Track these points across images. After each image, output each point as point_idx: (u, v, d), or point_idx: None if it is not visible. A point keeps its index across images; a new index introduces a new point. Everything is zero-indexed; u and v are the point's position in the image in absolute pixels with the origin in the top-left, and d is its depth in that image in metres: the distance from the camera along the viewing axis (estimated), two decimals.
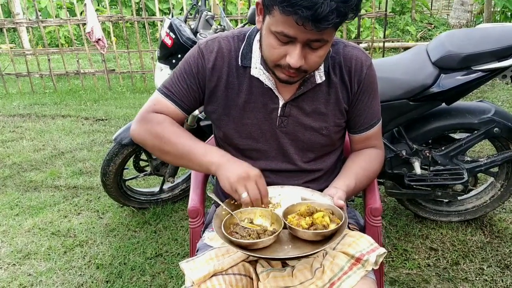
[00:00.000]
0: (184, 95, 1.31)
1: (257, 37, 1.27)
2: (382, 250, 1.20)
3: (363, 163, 1.37)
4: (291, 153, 1.33)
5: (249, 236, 1.08)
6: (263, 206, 1.18)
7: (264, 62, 1.24)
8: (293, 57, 1.10)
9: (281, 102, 1.28)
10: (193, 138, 1.28)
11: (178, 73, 1.31)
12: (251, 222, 1.16)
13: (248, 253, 1.08)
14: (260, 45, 1.23)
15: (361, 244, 1.22)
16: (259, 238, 1.07)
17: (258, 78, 1.27)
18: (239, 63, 1.28)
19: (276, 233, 1.08)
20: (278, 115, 1.29)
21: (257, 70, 1.26)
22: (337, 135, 1.35)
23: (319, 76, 1.26)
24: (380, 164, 1.42)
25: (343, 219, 1.11)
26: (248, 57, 1.27)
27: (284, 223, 1.12)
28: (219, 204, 1.51)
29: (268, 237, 1.07)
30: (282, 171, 1.35)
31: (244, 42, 1.29)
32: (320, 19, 1.00)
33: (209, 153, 1.23)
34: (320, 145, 1.34)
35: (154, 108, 1.32)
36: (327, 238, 1.10)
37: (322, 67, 1.26)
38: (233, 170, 1.17)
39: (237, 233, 1.10)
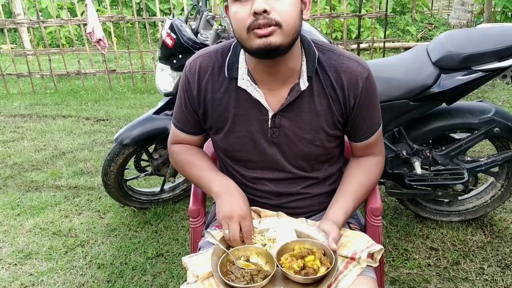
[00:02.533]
0: (188, 123, 1.38)
1: None
2: (378, 246, 1.20)
3: (362, 178, 1.36)
4: (285, 163, 1.32)
5: (243, 277, 1.11)
6: (250, 243, 1.22)
7: (250, 73, 1.23)
8: (256, 2, 1.07)
9: (270, 114, 1.26)
10: (203, 166, 1.37)
11: (178, 104, 1.38)
12: (247, 260, 1.19)
13: None
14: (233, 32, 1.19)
15: (356, 243, 1.22)
16: (253, 279, 1.11)
17: (245, 90, 1.24)
18: (226, 74, 1.26)
19: (269, 277, 1.11)
20: (269, 126, 1.27)
21: (244, 81, 1.24)
22: (331, 144, 1.32)
23: (303, 83, 1.22)
24: (379, 172, 1.41)
25: (334, 262, 1.12)
26: (234, 67, 1.25)
27: (275, 265, 1.15)
28: None
29: (261, 280, 1.10)
30: (279, 179, 1.35)
31: (230, 53, 1.27)
32: None
33: (212, 183, 1.32)
34: (314, 155, 1.32)
35: (173, 140, 1.45)
36: (318, 280, 1.13)
37: (305, 73, 1.22)
38: (223, 207, 1.24)
39: (232, 272, 1.14)
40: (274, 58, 1.15)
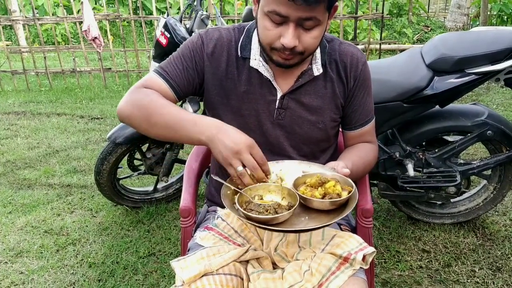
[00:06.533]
0: (177, 76, 1.29)
1: None
2: (371, 249, 1.20)
3: (359, 152, 1.39)
4: (286, 146, 1.35)
5: (267, 211, 1.05)
6: (264, 177, 1.12)
7: (262, 53, 1.27)
8: (287, 37, 1.12)
9: (279, 94, 1.30)
10: (182, 110, 1.22)
11: (176, 55, 1.32)
12: (261, 199, 1.14)
13: (268, 228, 1.05)
14: (258, 33, 1.24)
15: (350, 244, 1.22)
16: (276, 213, 1.05)
17: (257, 70, 1.29)
18: (239, 54, 1.30)
19: (294, 207, 1.07)
20: (276, 107, 1.31)
21: (256, 61, 1.28)
22: (332, 130, 1.38)
23: (317, 69, 1.29)
24: (375, 156, 1.43)
25: (353, 186, 1.11)
26: (247, 48, 1.30)
27: (297, 195, 1.11)
28: (212, 204, 1.52)
29: (286, 211, 1.06)
30: None
31: (244, 34, 1.32)
32: None
33: (198, 122, 1.14)
34: (315, 139, 1.36)
35: (145, 84, 1.28)
36: (341, 206, 1.11)
37: (319, 60, 1.29)
38: (225, 143, 1.09)
39: (251, 209, 1.06)
40: None
